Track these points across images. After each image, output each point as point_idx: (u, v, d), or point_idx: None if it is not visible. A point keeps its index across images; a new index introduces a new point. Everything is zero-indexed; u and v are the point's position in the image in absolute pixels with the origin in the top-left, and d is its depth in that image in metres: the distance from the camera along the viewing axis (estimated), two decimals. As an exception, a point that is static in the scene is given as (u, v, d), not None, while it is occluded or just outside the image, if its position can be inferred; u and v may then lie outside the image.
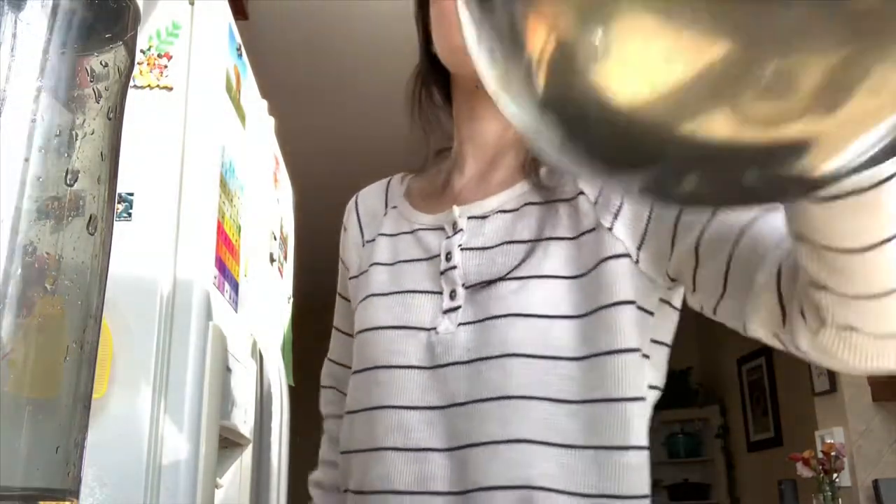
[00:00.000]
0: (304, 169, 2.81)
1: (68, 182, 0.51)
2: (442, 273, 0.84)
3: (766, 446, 5.27)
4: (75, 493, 0.50)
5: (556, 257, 0.79)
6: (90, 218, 0.53)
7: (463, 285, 0.82)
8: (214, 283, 1.30)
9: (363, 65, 3.30)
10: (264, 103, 1.89)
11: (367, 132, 3.86)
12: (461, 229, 0.85)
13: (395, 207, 0.96)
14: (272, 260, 1.90)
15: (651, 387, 0.80)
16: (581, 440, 0.74)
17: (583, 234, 0.79)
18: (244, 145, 1.59)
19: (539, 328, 0.76)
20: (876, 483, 3.07)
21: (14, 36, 0.48)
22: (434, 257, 0.86)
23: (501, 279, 0.79)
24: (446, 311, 0.81)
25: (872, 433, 3.18)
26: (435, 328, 0.81)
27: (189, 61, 1.34)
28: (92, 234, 0.53)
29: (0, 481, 0.44)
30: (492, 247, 0.82)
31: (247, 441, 1.52)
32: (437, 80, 0.94)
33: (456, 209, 0.86)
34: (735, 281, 0.67)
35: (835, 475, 3.06)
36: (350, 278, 0.99)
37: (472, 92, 0.88)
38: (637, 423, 0.75)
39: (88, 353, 0.53)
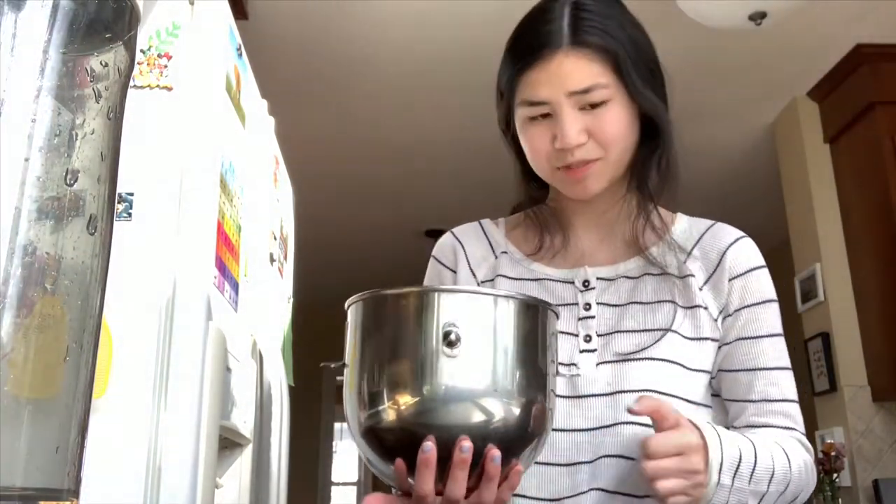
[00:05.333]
0: (304, 169, 2.80)
1: (68, 182, 0.51)
2: (580, 319, 1.01)
3: (766, 446, 5.25)
4: (75, 493, 0.50)
5: (677, 319, 0.99)
6: (90, 218, 0.53)
7: (596, 332, 1.00)
8: (214, 283, 1.30)
9: (363, 65, 3.29)
10: (264, 103, 1.89)
11: (367, 132, 3.85)
12: (593, 287, 1.03)
13: (505, 253, 1.10)
14: (272, 260, 1.90)
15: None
16: None
17: (695, 307, 1.00)
18: (244, 145, 1.58)
19: (667, 373, 0.96)
20: (876, 483, 3.06)
21: (14, 36, 0.48)
22: (569, 305, 1.02)
23: (633, 331, 0.99)
24: (583, 352, 0.99)
25: (872, 433, 3.17)
26: (574, 364, 0.98)
27: (189, 61, 1.33)
28: (92, 234, 0.53)
29: (0, 481, 0.44)
30: (621, 304, 1.02)
31: (247, 441, 1.52)
32: (534, 175, 1.07)
33: (588, 269, 1.04)
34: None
35: (835, 475, 3.05)
36: None
37: None
38: None
39: (88, 353, 0.53)
